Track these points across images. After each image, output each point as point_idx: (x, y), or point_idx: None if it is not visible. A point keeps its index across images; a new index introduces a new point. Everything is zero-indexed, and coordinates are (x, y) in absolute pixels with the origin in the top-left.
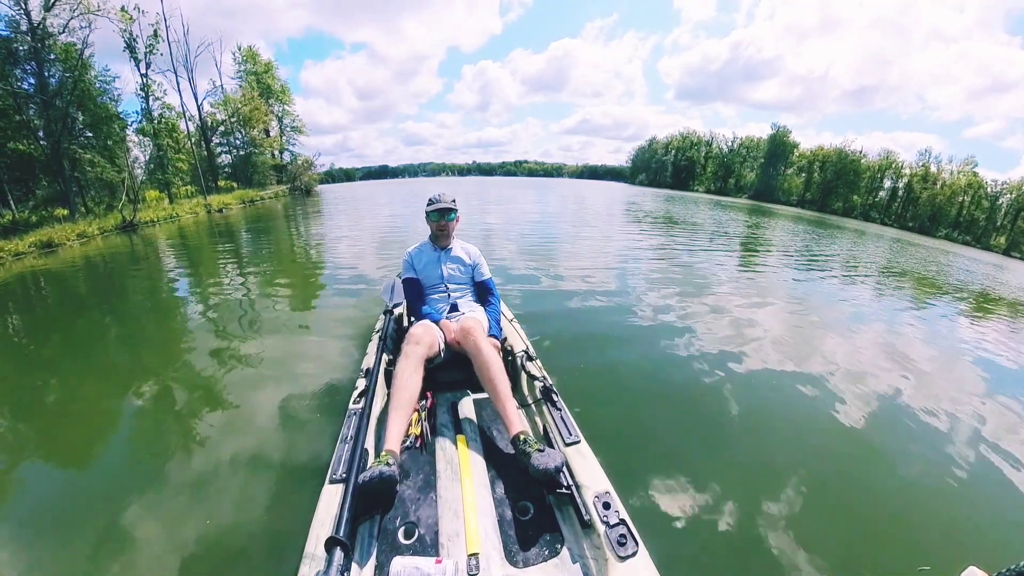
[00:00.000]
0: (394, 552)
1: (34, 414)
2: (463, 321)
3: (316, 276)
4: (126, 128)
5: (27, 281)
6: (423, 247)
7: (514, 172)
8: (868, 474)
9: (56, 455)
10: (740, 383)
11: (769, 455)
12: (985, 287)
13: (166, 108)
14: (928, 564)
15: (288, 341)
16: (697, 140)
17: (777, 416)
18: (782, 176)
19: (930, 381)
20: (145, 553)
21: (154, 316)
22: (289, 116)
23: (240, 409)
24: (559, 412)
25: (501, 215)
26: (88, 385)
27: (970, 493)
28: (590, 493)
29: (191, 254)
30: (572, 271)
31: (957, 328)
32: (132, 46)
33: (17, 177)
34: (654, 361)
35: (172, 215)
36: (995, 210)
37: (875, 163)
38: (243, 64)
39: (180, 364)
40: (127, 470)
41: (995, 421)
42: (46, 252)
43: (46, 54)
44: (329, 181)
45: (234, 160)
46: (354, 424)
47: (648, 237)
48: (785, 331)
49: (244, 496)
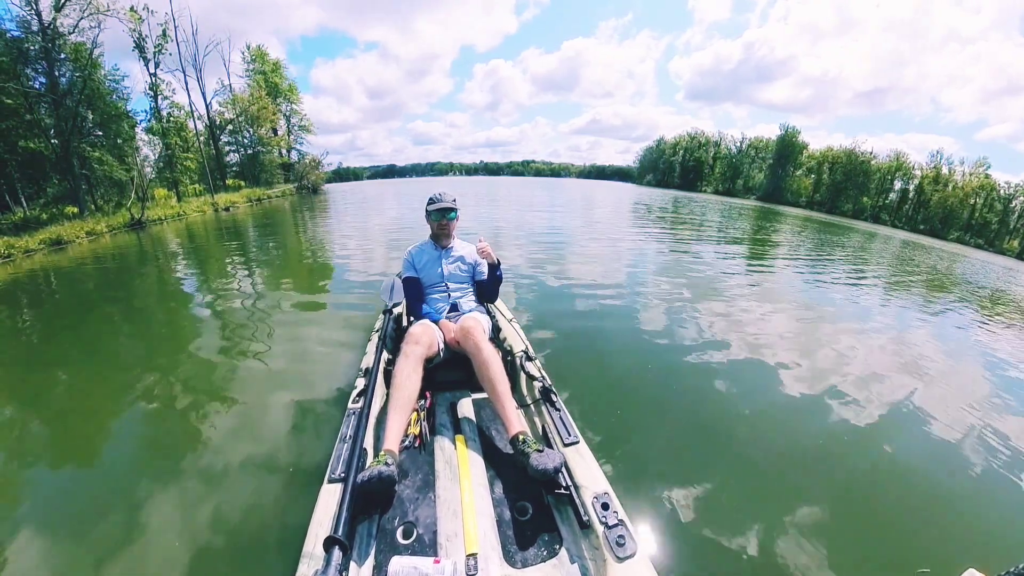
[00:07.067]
0: (392, 552)
1: (43, 411)
2: (463, 321)
3: (319, 275)
4: (135, 127)
5: (37, 277)
6: (424, 246)
7: (521, 172)
8: (868, 475)
9: (63, 453)
10: (740, 384)
11: (769, 457)
12: (997, 290)
13: (175, 107)
14: (928, 566)
15: (289, 340)
16: (705, 141)
17: (777, 418)
18: (791, 177)
19: (934, 383)
20: (145, 552)
21: (160, 313)
22: (297, 115)
23: (241, 407)
24: (558, 412)
25: (502, 215)
26: (95, 382)
27: (970, 495)
28: (589, 493)
29: (198, 252)
30: (572, 271)
31: (966, 331)
32: (141, 46)
33: (28, 175)
34: (654, 362)
35: (179, 213)
36: (1008, 213)
37: (885, 164)
38: (252, 63)
39: (184, 362)
40: (129, 469)
41: (996, 423)
42: (56, 249)
43: (56, 54)
44: (336, 180)
45: (242, 159)
46: (353, 423)
47: (651, 237)
48: (789, 333)
49: (243, 495)
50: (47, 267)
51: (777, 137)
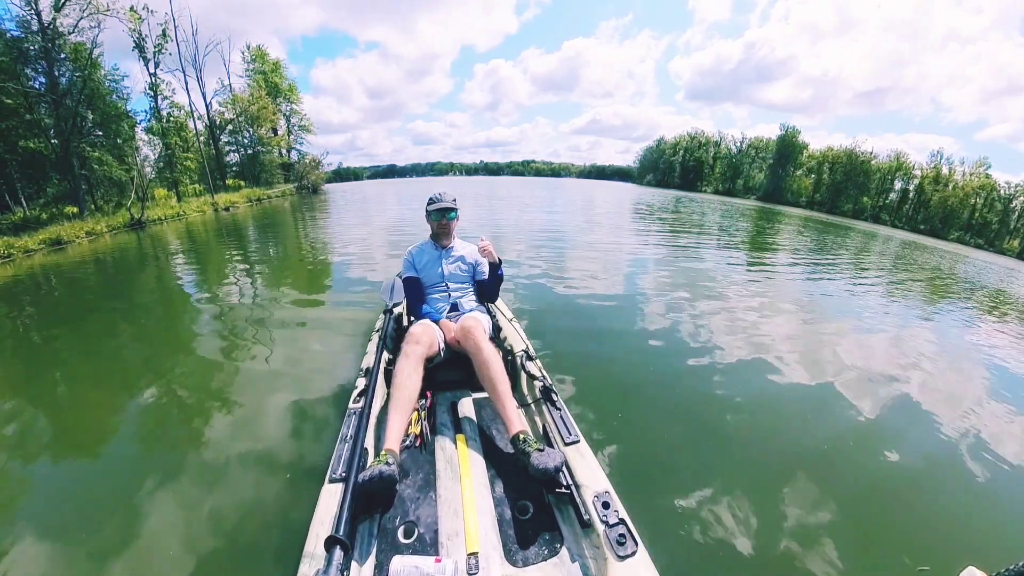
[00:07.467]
0: (394, 551)
1: (43, 411)
2: (463, 321)
3: (319, 274)
4: (135, 127)
5: (37, 277)
6: (424, 246)
7: (521, 172)
8: (868, 474)
9: (63, 453)
10: (741, 384)
11: (769, 455)
12: (998, 290)
13: (175, 107)
14: (928, 564)
15: (290, 340)
16: (705, 140)
17: (777, 416)
18: (791, 177)
19: (935, 384)
20: (146, 552)
21: (160, 313)
22: (297, 115)
23: (241, 407)
24: (559, 412)
25: (502, 215)
26: (95, 382)
27: (970, 493)
28: (589, 492)
29: (198, 252)
30: (573, 270)
31: (966, 331)
32: (141, 46)
33: (28, 175)
34: (654, 361)
35: (179, 213)
36: (1008, 213)
37: (885, 164)
38: (252, 63)
39: (184, 361)
40: (129, 468)
41: (997, 423)
42: (55, 249)
43: (56, 54)
44: (336, 180)
45: (242, 158)
46: (354, 423)
47: (652, 237)
48: (789, 333)
49: (244, 494)
50: (47, 267)
51: (777, 137)
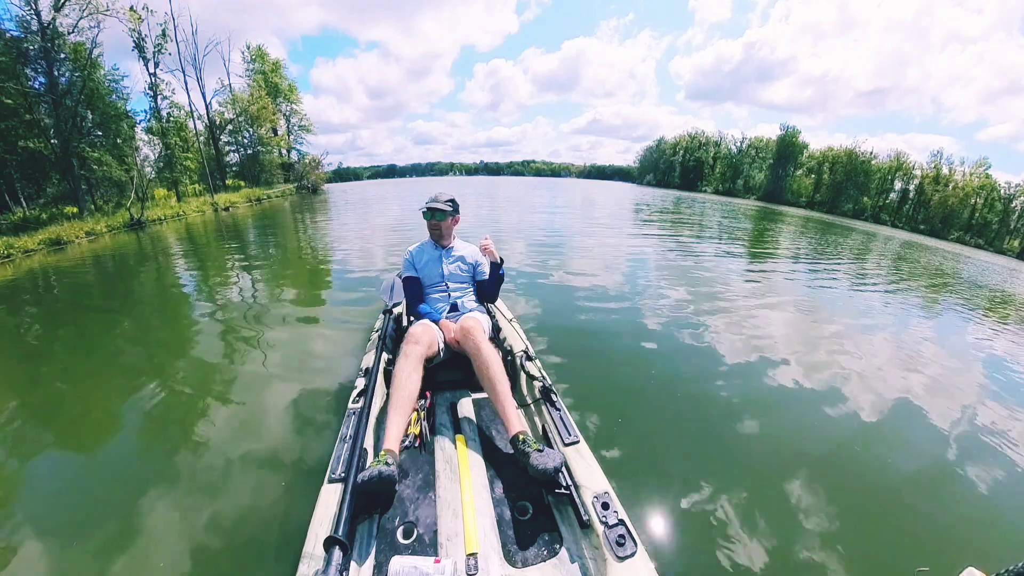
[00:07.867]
0: (393, 551)
1: (43, 411)
2: (463, 321)
3: (319, 274)
4: (135, 127)
5: (37, 278)
6: (424, 246)
7: (522, 172)
8: (868, 474)
9: (63, 452)
10: (741, 385)
11: (768, 456)
12: (998, 290)
13: (174, 107)
14: (927, 564)
15: (289, 340)
16: (706, 140)
17: (777, 417)
18: (791, 177)
19: (934, 383)
20: (146, 552)
21: (159, 313)
22: (297, 115)
23: (241, 408)
24: (558, 412)
25: (502, 215)
26: (94, 382)
27: (969, 494)
28: (589, 493)
29: (198, 252)
30: (573, 270)
31: (967, 331)
32: (141, 45)
33: (28, 175)
34: (654, 361)
35: (179, 213)
36: (1008, 213)
37: (886, 165)
38: (252, 63)
39: (183, 361)
40: (129, 468)
41: (997, 423)
42: (55, 249)
43: (56, 53)
44: (337, 180)
45: (242, 158)
46: (353, 423)
47: (652, 237)
48: (789, 333)
49: (243, 494)
50: (47, 267)
51: (777, 137)
